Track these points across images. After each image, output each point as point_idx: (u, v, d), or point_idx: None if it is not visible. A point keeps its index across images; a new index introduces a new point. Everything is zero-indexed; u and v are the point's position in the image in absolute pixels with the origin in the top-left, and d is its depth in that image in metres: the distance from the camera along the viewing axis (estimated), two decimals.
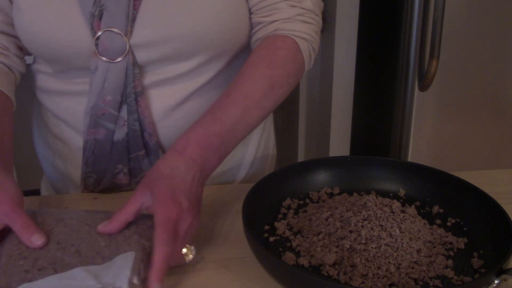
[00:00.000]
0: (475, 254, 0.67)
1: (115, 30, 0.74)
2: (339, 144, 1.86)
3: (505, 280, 0.58)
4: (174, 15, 0.74)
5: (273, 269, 0.63)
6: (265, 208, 0.74)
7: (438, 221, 0.73)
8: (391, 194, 0.79)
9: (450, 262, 0.65)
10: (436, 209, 0.76)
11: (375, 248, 0.64)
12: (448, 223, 0.73)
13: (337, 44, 1.72)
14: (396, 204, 0.72)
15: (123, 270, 0.58)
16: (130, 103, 0.78)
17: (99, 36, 0.75)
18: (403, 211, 0.72)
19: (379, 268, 0.62)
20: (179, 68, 0.79)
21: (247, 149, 0.93)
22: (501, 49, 1.60)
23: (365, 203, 0.71)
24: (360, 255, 0.64)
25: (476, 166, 1.69)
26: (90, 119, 0.79)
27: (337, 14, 1.68)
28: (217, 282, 0.64)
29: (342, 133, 1.85)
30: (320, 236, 0.68)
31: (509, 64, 1.62)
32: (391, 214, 0.70)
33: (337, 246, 0.66)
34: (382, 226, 0.67)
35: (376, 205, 0.71)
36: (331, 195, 0.79)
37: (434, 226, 0.72)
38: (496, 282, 0.58)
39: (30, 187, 1.09)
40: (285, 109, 2.11)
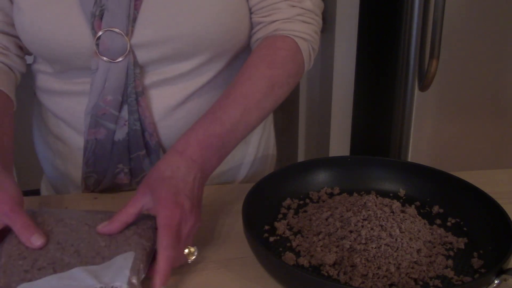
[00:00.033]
0: (475, 254, 0.67)
1: (116, 30, 0.74)
2: (339, 144, 1.86)
3: (505, 280, 0.58)
4: (174, 15, 0.74)
5: (273, 269, 0.63)
6: (265, 208, 0.74)
7: (438, 221, 0.73)
8: (391, 194, 0.79)
9: (450, 262, 0.65)
10: (436, 209, 0.76)
11: (375, 248, 0.64)
12: (448, 223, 0.73)
13: (337, 44, 1.72)
14: (396, 204, 0.72)
15: (123, 270, 0.58)
16: (131, 103, 0.78)
17: (99, 36, 0.75)
18: (403, 211, 0.72)
19: (379, 268, 0.62)
20: (179, 68, 0.79)
21: (248, 149, 0.94)
22: (501, 49, 1.60)
23: (365, 203, 0.71)
24: (360, 255, 0.64)
25: (476, 166, 1.69)
26: (90, 119, 0.79)
27: (337, 14, 1.68)
28: (217, 282, 0.64)
29: (342, 133, 1.85)
30: (320, 236, 0.68)
31: (509, 64, 1.62)
32: (391, 214, 0.70)
33: (337, 246, 0.66)
34: (382, 226, 0.67)
35: (376, 205, 0.71)
36: (331, 195, 0.79)
37: (434, 226, 0.72)
38: (496, 282, 0.58)
39: (30, 187, 1.09)
40: (285, 109, 2.11)
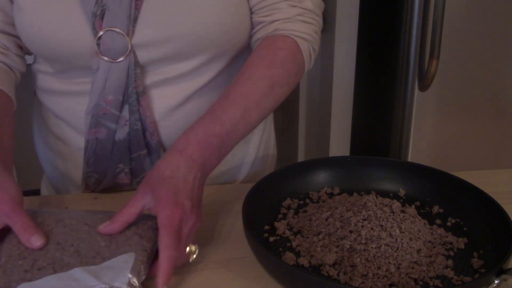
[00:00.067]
0: (475, 254, 0.67)
1: (117, 30, 0.74)
2: (339, 144, 1.86)
3: (505, 280, 0.58)
4: (175, 15, 0.74)
5: (273, 269, 0.63)
6: (265, 208, 0.74)
7: (438, 221, 0.73)
8: (391, 194, 0.79)
9: (450, 262, 0.65)
10: (436, 209, 0.76)
11: (375, 248, 0.64)
12: (448, 223, 0.73)
13: (337, 44, 1.71)
14: (396, 204, 0.72)
15: (123, 271, 0.58)
16: (132, 103, 0.78)
17: (100, 36, 0.75)
18: (403, 211, 0.72)
19: (379, 268, 0.62)
20: (180, 68, 0.79)
21: (248, 149, 0.94)
22: (501, 49, 1.60)
23: (365, 203, 0.71)
24: (360, 255, 0.64)
25: (476, 166, 1.69)
26: (91, 118, 0.79)
27: (337, 14, 1.68)
28: (217, 282, 0.64)
29: (342, 133, 1.85)
30: (320, 236, 0.68)
31: (509, 64, 1.62)
32: (391, 214, 0.70)
33: (337, 246, 0.66)
34: (382, 226, 0.67)
35: (376, 205, 0.71)
36: (331, 195, 0.79)
37: (434, 226, 0.72)
38: (496, 282, 0.58)
39: (30, 187, 1.09)
40: (285, 109, 2.11)
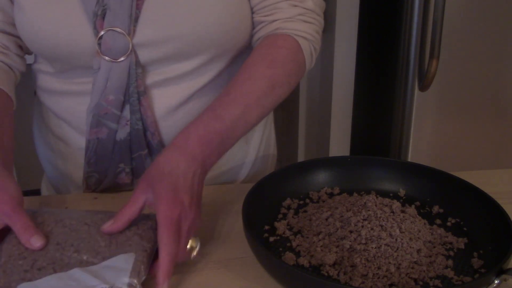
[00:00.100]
0: (475, 254, 0.67)
1: (118, 30, 0.74)
2: (339, 144, 1.86)
3: (505, 280, 0.58)
4: (176, 14, 0.74)
5: (273, 269, 0.63)
6: (265, 208, 0.74)
7: (438, 221, 0.73)
8: (391, 194, 0.79)
9: (450, 262, 0.65)
10: (436, 209, 0.76)
11: (375, 248, 0.64)
12: (448, 223, 0.73)
13: (337, 44, 1.71)
14: (396, 204, 0.72)
15: (123, 272, 0.58)
16: (133, 103, 0.78)
17: (101, 35, 0.75)
18: (403, 211, 0.72)
19: (379, 268, 0.62)
20: (181, 67, 0.79)
21: (249, 149, 0.93)
22: (501, 49, 1.60)
23: (365, 203, 0.71)
24: (360, 255, 0.64)
25: (476, 166, 1.69)
26: (92, 118, 0.79)
27: (337, 14, 1.68)
28: (217, 282, 0.64)
29: (342, 133, 1.85)
30: (320, 236, 0.68)
31: (509, 64, 1.62)
32: (391, 214, 0.70)
33: (337, 246, 0.66)
34: (382, 226, 0.67)
35: (376, 205, 0.71)
36: (331, 195, 0.79)
37: (434, 226, 0.72)
38: (496, 282, 0.58)
39: (30, 187, 1.09)
40: (285, 109, 2.11)
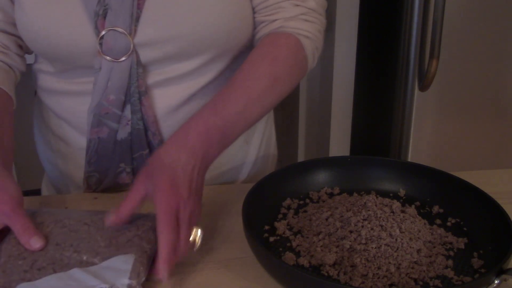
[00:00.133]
0: (475, 254, 0.67)
1: (119, 30, 0.74)
2: (339, 144, 1.86)
3: (505, 280, 0.58)
4: (178, 14, 0.74)
5: (273, 269, 0.63)
6: (265, 208, 0.74)
7: (438, 221, 0.73)
8: (391, 194, 0.79)
9: (450, 262, 0.65)
10: (436, 209, 0.76)
11: (375, 248, 0.64)
12: (448, 223, 0.73)
13: (337, 44, 1.71)
14: (396, 204, 0.72)
15: (123, 273, 0.58)
16: (134, 103, 0.78)
17: (103, 35, 0.74)
18: (403, 211, 0.72)
19: (379, 268, 0.62)
20: (182, 67, 0.79)
21: (249, 149, 0.93)
22: (501, 49, 1.59)
23: (365, 203, 0.71)
24: (360, 255, 0.64)
25: (476, 166, 1.69)
26: (93, 118, 0.79)
27: (337, 14, 1.68)
28: (217, 282, 0.64)
29: (342, 133, 1.85)
30: (320, 236, 0.68)
31: (509, 64, 1.62)
32: (391, 214, 0.70)
33: (337, 246, 0.66)
34: (382, 226, 0.67)
35: (376, 205, 0.71)
36: (331, 195, 0.79)
37: (434, 226, 0.72)
38: (496, 282, 0.58)
39: (31, 187, 1.09)
40: (285, 109, 2.11)
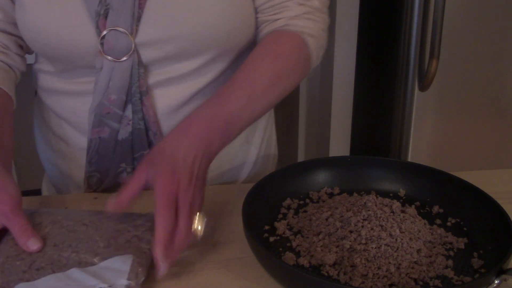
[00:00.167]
0: (475, 254, 0.67)
1: (120, 29, 0.74)
2: (339, 144, 1.86)
3: (505, 280, 0.58)
4: (179, 14, 0.74)
5: (273, 269, 0.63)
6: (265, 208, 0.74)
7: (438, 221, 0.73)
8: (391, 194, 0.79)
9: (450, 262, 0.65)
10: (436, 209, 0.76)
11: (375, 248, 0.64)
12: (448, 223, 0.73)
13: (337, 44, 1.71)
14: (396, 204, 0.72)
15: (121, 273, 0.58)
16: (135, 103, 0.78)
17: (104, 35, 0.74)
18: (403, 211, 0.72)
19: (379, 268, 0.62)
20: (183, 67, 0.79)
21: (250, 148, 0.93)
22: (501, 49, 1.59)
23: (365, 203, 0.71)
24: (360, 255, 0.64)
25: (476, 166, 1.69)
26: (94, 117, 0.79)
27: (337, 14, 1.68)
28: (217, 282, 0.64)
29: (342, 133, 1.85)
30: (320, 236, 0.68)
31: (509, 64, 1.62)
32: (391, 214, 0.70)
33: (337, 246, 0.66)
34: (382, 226, 0.67)
35: (376, 205, 0.71)
36: (331, 195, 0.79)
37: (434, 226, 0.72)
38: (496, 282, 0.58)
39: (31, 187, 1.09)
40: (285, 109, 2.11)
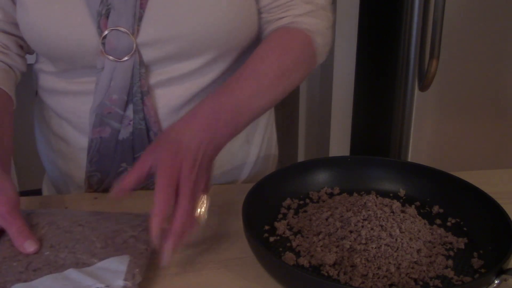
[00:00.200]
0: (475, 254, 0.67)
1: (122, 29, 0.74)
2: (339, 144, 1.86)
3: (505, 280, 0.58)
4: (180, 13, 0.74)
5: (273, 269, 0.63)
6: (265, 208, 0.74)
7: (438, 221, 0.73)
8: (391, 194, 0.79)
9: (450, 262, 0.65)
10: (436, 209, 0.76)
11: (375, 248, 0.64)
12: (448, 223, 0.73)
13: (337, 44, 1.71)
14: (396, 204, 0.72)
15: (118, 274, 0.58)
16: (136, 103, 0.78)
17: (105, 35, 0.74)
18: (403, 211, 0.72)
19: (379, 268, 0.62)
20: (184, 67, 0.79)
21: (250, 148, 0.93)
22: (501, 49, 1.60)
23: (365, 203, 0.71)
24: (360, 255, 0.64)
25: (476, 166, 1.69)
26: (95, 117, 0.79)
27: (337, 14, 1.68)
28: (217, 282, 0.64)
29: (342, 133, 1.85)
30: (320, 236, 0.68)
31: (509, 64, 1.62)
32: (391, 214, 0.70)
33: (337, 246, 0.66)
34: (382, 226, 0.67)
35: (376, 205, 0.71)
36: (331, 195, 0.79)
37: (434, 226, 0.72)
38: (496, 282, 0.58)
39: (31, 187, 1.09)
40: (285, 109, 2.11)
